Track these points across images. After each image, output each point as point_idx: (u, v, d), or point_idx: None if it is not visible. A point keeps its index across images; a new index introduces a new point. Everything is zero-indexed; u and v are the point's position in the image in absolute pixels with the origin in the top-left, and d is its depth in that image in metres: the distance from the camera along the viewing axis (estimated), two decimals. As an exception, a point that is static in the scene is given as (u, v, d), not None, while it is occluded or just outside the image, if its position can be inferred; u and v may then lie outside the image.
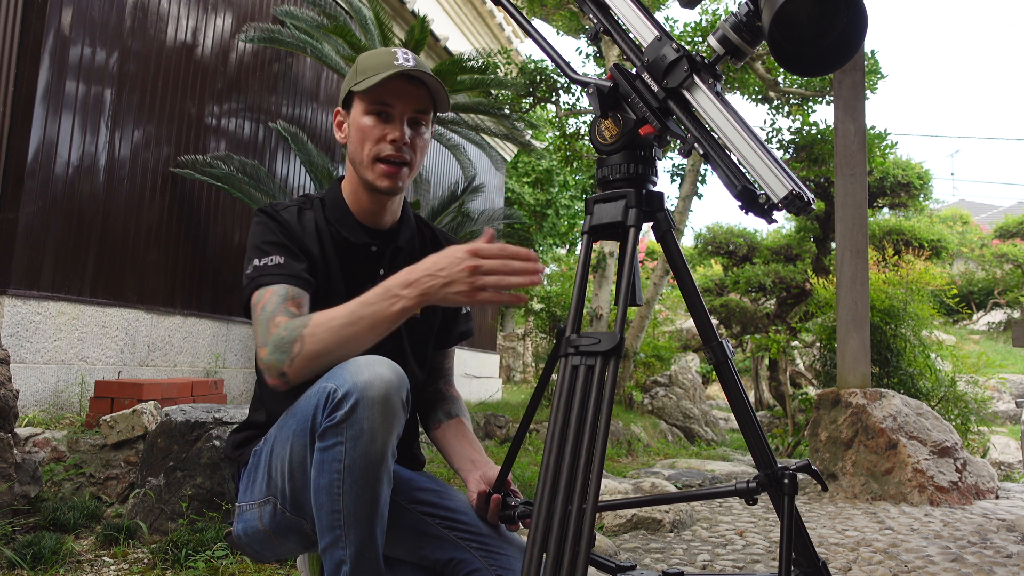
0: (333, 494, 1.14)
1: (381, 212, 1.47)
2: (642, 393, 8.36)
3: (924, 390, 5.35)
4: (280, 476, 1.26)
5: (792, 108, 8.38)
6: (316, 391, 1.19)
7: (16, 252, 3.75)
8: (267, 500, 1.30)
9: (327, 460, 1.14)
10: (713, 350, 1.14)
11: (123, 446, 3.02)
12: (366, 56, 1.43)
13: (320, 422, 1.15)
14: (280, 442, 1.26)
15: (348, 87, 1.43)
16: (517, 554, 1.37)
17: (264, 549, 1.36)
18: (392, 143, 1.39)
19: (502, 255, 1.15)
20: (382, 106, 1.39)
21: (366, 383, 1.13)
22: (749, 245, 10.83)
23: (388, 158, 1.39)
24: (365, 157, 1.40)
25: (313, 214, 1.44)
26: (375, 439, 1.13)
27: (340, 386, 1.14)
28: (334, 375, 1.17)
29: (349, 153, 1.43)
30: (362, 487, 1.14)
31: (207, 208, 5.12)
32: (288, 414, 1.27)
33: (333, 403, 1.14)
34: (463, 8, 9.90)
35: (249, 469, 1.36)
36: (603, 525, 3.17)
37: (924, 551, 2.93)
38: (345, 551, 1.15)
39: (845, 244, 4.55)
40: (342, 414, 1.13)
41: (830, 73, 1.67)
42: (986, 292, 16.42)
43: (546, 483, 0.98)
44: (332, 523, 1.15)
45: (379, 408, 1.13)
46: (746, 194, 0.98)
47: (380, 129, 1.39)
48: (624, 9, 1.13)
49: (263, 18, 5.65)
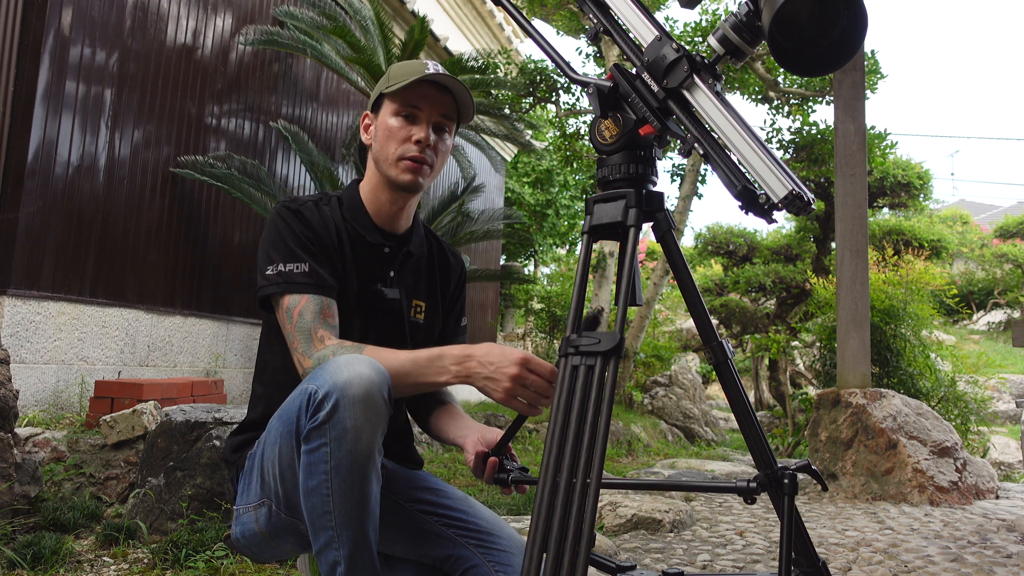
0: (323, 495, 1.14)
1: (398, 214, 1.50)
2: (642, 393, 8.36)
3: (924, 390, 5.35)
4: (272, 479, 1.27)
5: (792, 108, 8.39)
6: (298, 393, 1.19)
7: (16, 252, 3.75)
8: (262, 503, 1.31)
9: (314, 462, 1.15)
10: (713, 350, 1.14)
11: (123, 446, 3.02)
12: (399, 65, 1.49)
13: (304, 424, 1.16)
14: (269, 445, 1.27)
15: (379, 91, 1.48)
16: (514, 549, 1.39)
17: (263, 551, 1.37)
18: (417, 144, 1.43)
19: (548, 378, 1.20)
20: (410, 108, 1.44)
21: (345, 382, 1.13)
22: (749, 245, 10.84)
23: (412, 157, 1.44)
24: (391, 155, 1.44)
25: (331, 210, 1.48)
26: (360, 438, 1.14)
27: (320, 387, 1.14)
28: (315, 376, 1.18)
29: (374, 152, 1.48)
30: (351, 487, 1.14)
31: (207, 208, 5.12)
32: (275, 417, 1.28)
33: (315, 404, 1.14)
34: (463, 8, 9.90)
35: (245, 473, 1.37)
36: (603, 525, 3.17)
37: (924, 551, 2.93)
38: (339, 552, 1.15)
39: (845, 244, 4.55)
40: (324, 415, 1.13)
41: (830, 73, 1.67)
42: (986, 292, 16.42)
43: (546, 483, 0.98)
44: (324, 524, 1.15)
45: (360, 407, 1.13)
46: (746, 194, 0.98)
47: (407, 130, 1.44)
48: (624, 9, 1.13)
49: (263, 19, 5.65)
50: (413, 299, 1.52)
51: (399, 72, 1.46)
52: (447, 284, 1.61)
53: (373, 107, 1.50)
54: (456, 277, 1.63)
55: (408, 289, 1.51)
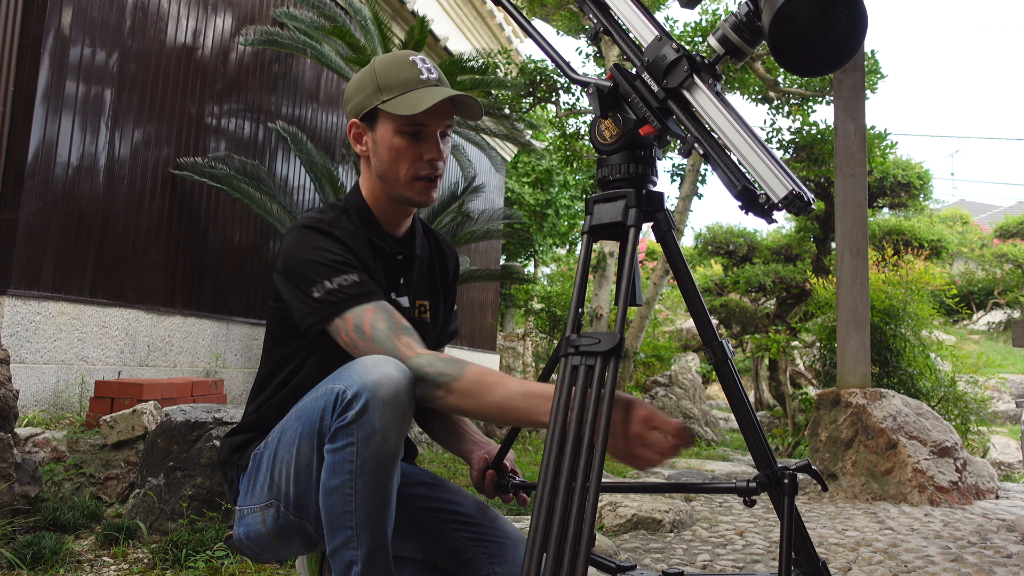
0: (345, 495, 1.14)
1: (403, 222, 1.48)
2: (642, 393, 8.36)
3: (924, 390, 5.34)
4: (284, 479, 1.26)
5: (792, 108, 8.39)
6: (323, 393, 1.18)
7: (16, 252, 3.75)
8: (270, 504, 1.30)
9: (338, 461, 1.14)
10: (713, 350, 1.14)
11: (123, 446, 3.02)
12: (387, 69, 1.38)
13: (330, 424, 1.15)
14: (285, 445, 1.26)
15: (373, 103, 1.37)
16: (508, 540, 1.40)
17: (266, 551, 1.36)
18: (430, 162, 1.38)
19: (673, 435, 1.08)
20: (417, 127, 1.37)
21: (376, 383, 1.13)
22: (749, 245, 10.84)
23: (427, 176, 1.39)
24: (401, 176, 1.38)
25: (348, 222, 1.42)
26: (387, 438, 1.14)
27: (349, 387, 1.14)
28: (341, 376, 1.17)
29: (377, 169, 1.41)
30: (375, 487, 1.14)
31: (207, 208, 5.12)
32: (293, 417, 1.27)
33: (343, 404, 1.14)
34: (463, 8, 9.90)
35: (249, 473, 1.36)
36: (603, 525, 3.17)
37: (924, 551, 2.93)
38: (357, 551, 1.15)
39: (845, 244, 4.54)
40: (353, 414, 1.12)
41: (830, 73, 1.67)
42: (986, 292, 16.42)
43: (546, 483, 0.98)
44: (343, 524, 1.15)
45: (389, 407, 1.13)
46: (746, 194, 0.98)
47: (416, 149, 1.38)
48: (624, 9, 1.13)
49: (263, 19, 5.66)
50: (417, 300, 1.52)
51: (392, 80, 1.36)
52: (446, 277, 1.60)
53: (365, 116, 1.40)
54: (452, 268, 1.62)
55: (413, 291, 1.51)
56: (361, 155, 1.44)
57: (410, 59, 1.39)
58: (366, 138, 1.42)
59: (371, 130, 1.41)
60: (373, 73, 1.39)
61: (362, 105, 1.39)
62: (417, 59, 1.39)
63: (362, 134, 1.42)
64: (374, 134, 1.40)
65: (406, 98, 1.35)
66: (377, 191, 1.44)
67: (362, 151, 1.43)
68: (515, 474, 1.43)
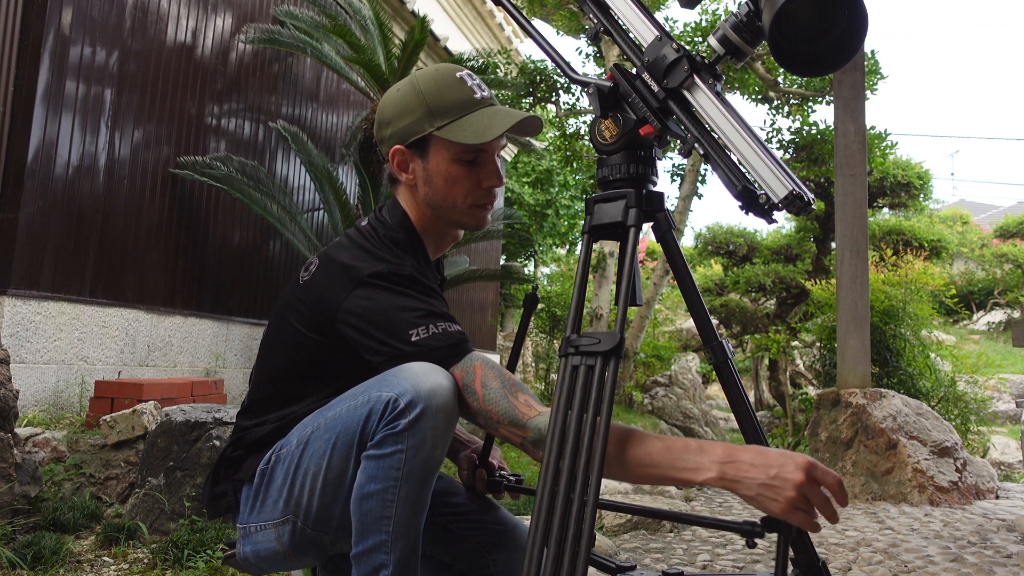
0: (385, 500, 1.11)
1: (448, 246, 1.42)
2: (642, 393, 8.36)
3: (924, 390, 5.34)
4: (307, 493, 1.20)
5: (792, 108, 8.39)
6: (364, 401, 1.14)
7: (16, 252, 3.75)
8: (286, 520, 1.23)
9: (383, 467, 1.11)
10: (713, 350, 1.14)
11: (123, 446, 3.02)
12: (436, 89, 1.27)
13: (376, 430, 1.12)
14: (311, 457, 1.19)
15: (425, 129, 1.26)
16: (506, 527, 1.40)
17: (276, 567, 1.31)
18: (488, 190, 1.32)
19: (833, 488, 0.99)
20: (476, 153, 1.28)
21: (430, 392, 1.10)
22: (749, 245, 10.84)
23: (487, 203, 1.33)
24: (459, 204, 1.30)
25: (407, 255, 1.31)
26: (436, 447, 1.12)
27: (401, 395, 1.10)
28: (387, 383, 1.13)
29: (430, 199, 1.31)
30: (418, 495, 1.12)
31: (207, 208, 5.12)
32: (322, 427, 1.19)
33: (395, 411, 1.10)
34: (463, 8, 9.90)
35: (255, 488, 1.28)
36: (603, 525, 3.17)
37: (924, 551, 2.93)
38: (389, 556, 1.12)
39: (845, 244, 4.55)
40: (406, 422, 1.09)
41: (830, 73, 1.67)
42: (986, 292, 16.42)
43: (546, 483, 0.98)
44: (377, 528, 1.12)
45: (442, 417, 1.11)
46: (746, 194, 0.98)
47: (475, 176, 1.30)
48: (624, 9, 1.13)
49: (263, 18, 5.66)
50: None
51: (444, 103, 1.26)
52: (442, 282, 1.60)
53: (415, 144, 1.28)
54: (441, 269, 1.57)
55: None
56: (406, 183, 1.32)
57: (457, 76, 1.29)
58: (413, 165, 1.30)
59: (421, 157, 1.30)
60: (420, 94, 1.28)
61: (411, 131, 1.28)
62: (465, 75, 1.29)
63: (407, 161, 1.31)
64: (425, 162, 1.29)
65: (466, 123, 1.26)
66: (427, 219, 1.34)
67: (408, 180, 1.32)
68: (504, 470, 1.43)
